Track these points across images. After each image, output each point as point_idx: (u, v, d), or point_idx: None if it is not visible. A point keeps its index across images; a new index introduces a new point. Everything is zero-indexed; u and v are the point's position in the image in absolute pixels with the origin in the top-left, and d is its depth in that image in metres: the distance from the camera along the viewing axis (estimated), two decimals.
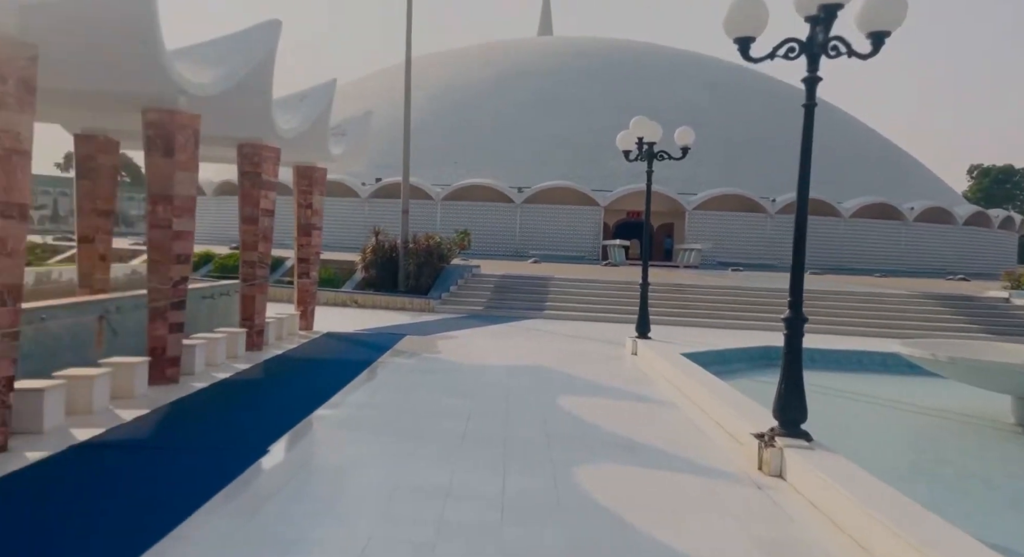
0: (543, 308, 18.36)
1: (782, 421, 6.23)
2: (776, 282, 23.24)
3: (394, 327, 14.88)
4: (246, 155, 10.55)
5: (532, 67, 54.04)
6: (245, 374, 9.20)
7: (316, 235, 13.64)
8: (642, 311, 12.83)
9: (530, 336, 14.39)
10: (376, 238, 19.22)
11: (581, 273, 24.12)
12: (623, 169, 46.13)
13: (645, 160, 12.65)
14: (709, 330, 16.45)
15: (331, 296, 18.31)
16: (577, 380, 9.86)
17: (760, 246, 42.67)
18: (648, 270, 13.19)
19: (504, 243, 42.08)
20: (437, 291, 18.63)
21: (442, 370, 10.17)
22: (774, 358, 12.63)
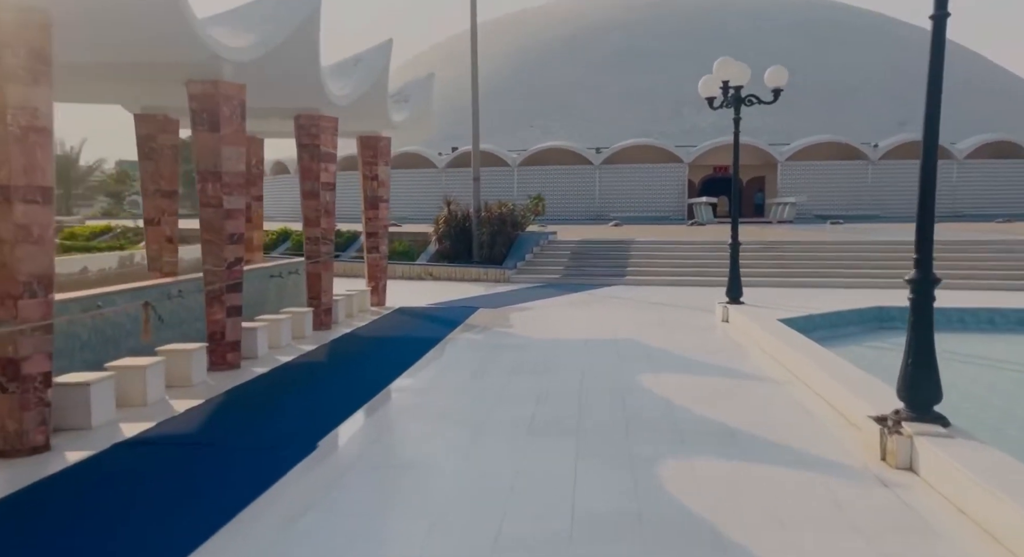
0: (624, 274, 17.37)
1: (910, 402, 5.19)
2: (883, 234, 21.20)
3: (467, 300, 14.35)
4: (303, 126, 10.10)
5: (608, 22, 51.79)
6: (309, 356, 8.85)
7: (383, 208, 13.18)
8: (733, 273, 11.70)
9: (609, 305, 13.52)
10: (448, 208, 18.69)
11: (664, 234, 22.84)
12: (707, 122, 43.71)
13: (732, 106, 11.37)
14: (809, 291, 15.03)
15: (405, 269, 17.99)
16: (660, 354, 8.97)
17: (861, 195, 39.61)
18: (738, 227, 11.99)
19: (584, 207, 40.90)
20: (512, 260, 17.97)
21: (513, 346, 9.52)
22: (890, 321, 11.28)
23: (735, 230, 11.85)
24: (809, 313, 10.66)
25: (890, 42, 49.76)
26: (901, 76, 46.61)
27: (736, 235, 11.83)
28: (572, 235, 22.44)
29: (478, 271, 17.62)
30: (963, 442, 4.80)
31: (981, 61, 51.97)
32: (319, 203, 10.35)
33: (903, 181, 39.82)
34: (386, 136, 12.88)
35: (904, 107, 44.85)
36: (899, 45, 49.94)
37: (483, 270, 17.61)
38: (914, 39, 52.92)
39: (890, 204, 39.27)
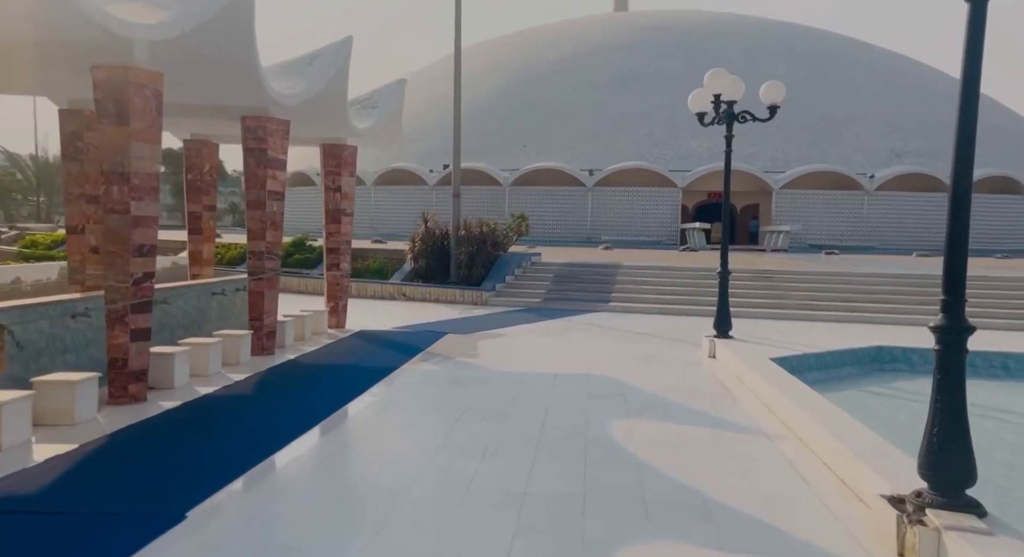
0: (609, 300, 16.27)
1: (936, 484, 4.06)
2: (879, 266, 20.20)
3: (437, 324, 13.21)
4: (249, 129, 9.03)
5: (605, 44, 51.30)
6: (235, 388, 7.69)
7: (347, 222, 12.09)
8: (721, 305, 10.60)
9: (589, 334, 12.40)
10: (425, 225, 17.62)
11: (654, 259, 21.80)
12: (702, 148, 42.94)
13: (724, 123, 10.37)
14: (802, 324, 13.95)
15: (378, 288, 16.86)
16: (636, 394, 7.83)
17: (857, 226, 38.74)
18: (728, 255, 10.93)
19: (575, 229, 39.94)
20: (491, 282, 16.86)
21: (473, 380, 8.37)
22: (890, 362, 10.18)
23: (725, 257, 10.78)
24: (803, 352, 9.54)
25: (884, 73, 49.29)
26: (894, 107, 46.04)
27: (726, 263, 10.77)
28: (558, 257, 21.37)
29: (454, 292, 16.50)
30: (1008, 542, 3.67)
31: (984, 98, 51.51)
32: (265, 214, 9.25)
33: (899, 213, 39.02)
34: (351, 145, 11.82)
35: (898, 138, 44.22)
36: (892, 76, 49.48)
37: (460, 291, 16.49)
38: (907, 70, 52.53)
39: (886, 236, 38.40)
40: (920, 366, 9.96)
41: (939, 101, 48.06)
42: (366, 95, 11.87)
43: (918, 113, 45.36)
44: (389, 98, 11.66)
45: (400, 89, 11.83)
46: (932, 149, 43.07)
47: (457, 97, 17.70)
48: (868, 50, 52.21)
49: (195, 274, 11.48)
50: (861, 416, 6.68)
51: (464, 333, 12.08)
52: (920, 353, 10.01)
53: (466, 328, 12.69)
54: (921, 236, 38.21)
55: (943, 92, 50.07)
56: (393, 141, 12.42)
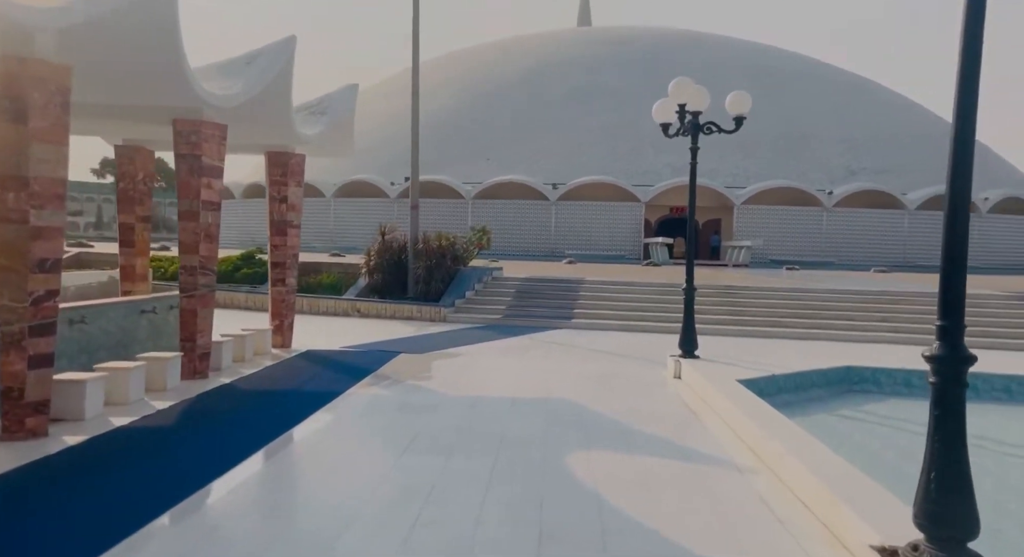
0: (571, 316, 15.76)
1: (934, 536, 3.56)
2: (842, 282, 20.13)
3: (391, 342, 12.51)
4: (181, 133, 8.28)
5: (569, 58, 51.34)
6: (155, 419, 6.89)
7: (293, 234, 11.34)
8: (687, 324, 10.14)
9: (550, 353, 11.83)
10: (382, 238, 16.92)
11: (617, 274, 21.43)
12: (664, 163, 43.06)
13: (688, 134, 9.96)
14: (768, 342, 13.61)
15: (331, 304, 16.06)
16: (598, 421, 7.27)
17: (816, 242, 39.13)
18: (693, 271, 10.50)
19: (538, 243, 39.54)
20: (450, 297, 16.21)
21: (423, 407, 7.71)
22: (860, 382, 9.82)
23: (690, 274, 10.35)
24: (771, 373, 9.11)
25: (838, 91, 50.29)
26: (849, 124, 46.94)
27: (691, 279, 10.33)
28: (520, 271, 20.83)
29: (411, 309, 15.80)
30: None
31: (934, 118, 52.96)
32: (199, 225, 8.48)
33: (856, 229, 39.55)
34: (299, 153, 11.12)
35: (853, 155, 45.04)
36: (846, 94, 50.51)
37: (417, 308, 15.80)
38: (860, 88, 53.76)
39: (844, 251, 38.85)
40: (888, 387, 9.65)
41: (891, 119, 49.18)
42: (314, 101, 11.19)
43: (871, 131, 46.30)
44: (340, 104, 11.00)
45: (351, 94, 11.19)
46: (885, 166, 43.93)
47: (415, 107, 17.11)
48: (822, 68, 53.31)
49: (127, 291, 10.62)
50: (833, 443, 6.23)
51: (419, 353, 11.40)
52: (888, 373, 9.69)
53: (421, 347, 12.02)
54: (877, 252, 38.76)
55: (895, 110, 51.28)
56: (345, 149, 11.75)
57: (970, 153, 3.78)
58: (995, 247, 40.33)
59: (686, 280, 10.32)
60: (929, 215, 39.37)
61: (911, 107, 53.17)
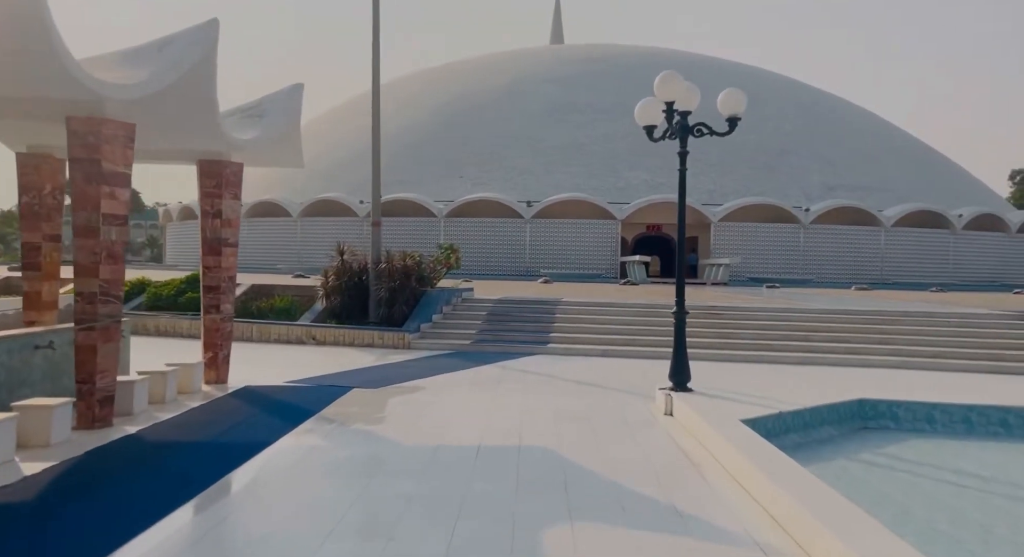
0: (547, 341, 14.45)
1: None
2: (830, 301, 19.13)
3: (345, 374, 11.07)
4: (76, 133, 6.86)
5: (542, 75, 50.60)
6: (17, 489, 5.39)
7: (229, 254, 9.89)
8: (678, 353, 8.87)
9: (524, 385, 10.47)
10: (341, 257, 15.49)
11: (595, 294, 20.21)
12: (640, 180, 42.22)
13: (676, 137, 8.78)
14: (760, 369, 12.42)
15: (283, 331, 14.55)
16: (580, 478, 5.92)
17: (794, 259, 38.41)
18: (684, 292, 9.26)
19: (513, 262, 38.28)
20: (415, 322, 14.80)
21: (367, 463, 6.30)
22: (874, 418, 8.61)
23: (681, 296, 9.11)
24: (778, 410, 7.85)
25: (812, 108, 50.15)
26: (824, 141, 46.68)
27: (682, 301, 9.09)
28: (493, 292, 19.52)
29: (372, 335, 14.36)
30: None
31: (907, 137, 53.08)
32: (98, 243, 7.03)
33: (834, 246, 38.94)
34: (235, 162, 9.71)
35: (830, 172, 44.67)
36: (820, 112, 50.39)
37: (379, 333, 14.36)
38: (833, 106, 53.75)
39: (822, 269, 38.17)
40: (908, 423, 8.45)
41: (865, 137, 49.09)
42: (252, 102, 9.82)
43: (846, 148, 46.06)
44: (281, 105, 9.63)
45: (296, 94, 9.83)
46: (862, 183, 43.60)
47: (376, 123, 15.79)
48: (795, 85, 53.25)
49: (31, 321, 9.08)
50: (854, 495, 5.01)
51: (374, 387, 9.98)
52: (907, 408, 8.50)
53: (379, 380, 10.59)
54: (855, 269, 38.15)
55: (868, 128, 51.26)
56: (291, 158, 10.36)
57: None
58: (969, 263, 39.99)
59: (676, 302, 9.08)
60: (906, 231, 38.95)
61: (884, 124, 53.28)
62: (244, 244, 43.00)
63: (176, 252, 47.40)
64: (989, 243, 40.54)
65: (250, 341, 14.54)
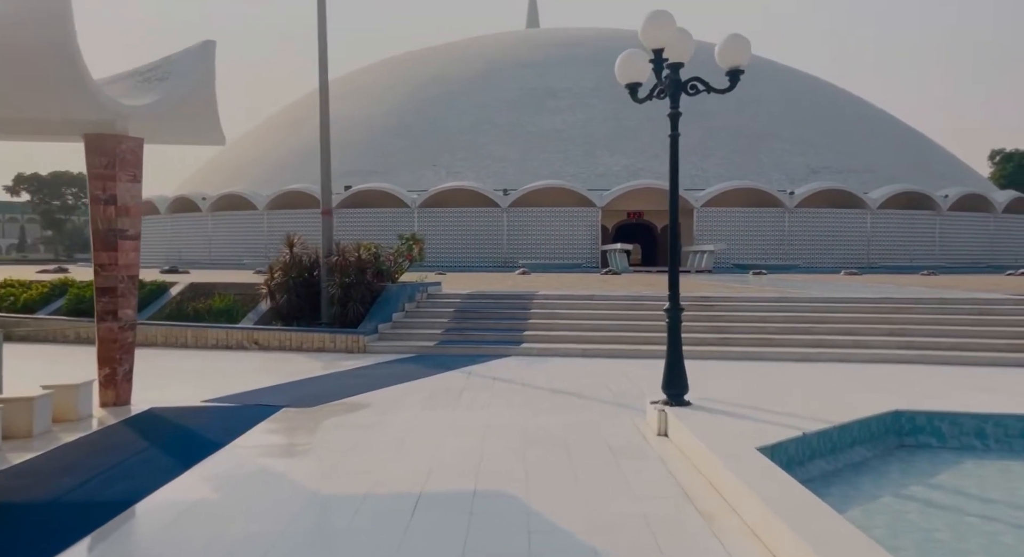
0: (521, 340, 12.80)
1: None
2: (830, 288, 17.67)
3: (281, 388, 9.33)
4: None
5: (516, 60, 48.73)
6: None
7: (128, 248, 8.09)
8: (673, 359, 7.23)
9: (490, 397, 8.80)
10: (291, 251, 13.68)
11: (574, 286, 18.59)
12: (620, 165, 40.63)
13: (666, 95, 7.12)
14: (763, 368, 10.86)
15: (222, 335, 12.75)
16: (550, 538, 4.28)
17: (779, 245, 37.12)
18: (678, 286, 7.63)
19: (490, 253, 36.59)
20: (373, 321, 13.07)
21: (266, 519, 4.60)
22: (912, 434, 7.04)
23: (675, 290, 7.47)
24: (801, 431, 6.25)
25: (792, 90, 48.81)
26: (806, 124, 45.38)
27: (676, 297, 7.46)
28: (466, 285, 17.84)
29: (323, 337, 12.61)
30: None
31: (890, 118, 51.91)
32: None
33: (820, 230, 37.69)
34: (133, 137, 7.89)
35: (813, 154, 43.39)
36: (800, 93, 49.06)
37: (330, 336, 12.62)
38: (813, 88, 52.47)
39: (808, 253, 36.90)
40: (954, 439, 6.89)
41: (847, 118, 47.87)
42: (153, 63, 8.00)
43: (829, 130, 44.80)
44: (188, 66, 7.81)
45: (207, 54, 7.99)
46: (845, 165, 42.39)
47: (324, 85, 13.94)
48: (774, 66, 51.86)
49: None
50: (897, 539, 3.41)
51: (310, 405, 8.25)
52: (951, 421, 6.94)
53: (318, 395, 8.87)
54: (843, 253, 36.94)
55: (848, 109, 50.05)
56: (207, 132, 8.54)
57: None
58: (956, 245, 38.94)
59: (669, 297, 7.44)
60: (892, 214, 37.79)
61: (864, 105, 52.10)
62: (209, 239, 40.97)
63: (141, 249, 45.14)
64: (975, 224, 39.53)
65: (184, 348, 12.74)
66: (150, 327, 12.71)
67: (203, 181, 46.77)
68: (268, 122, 55.07)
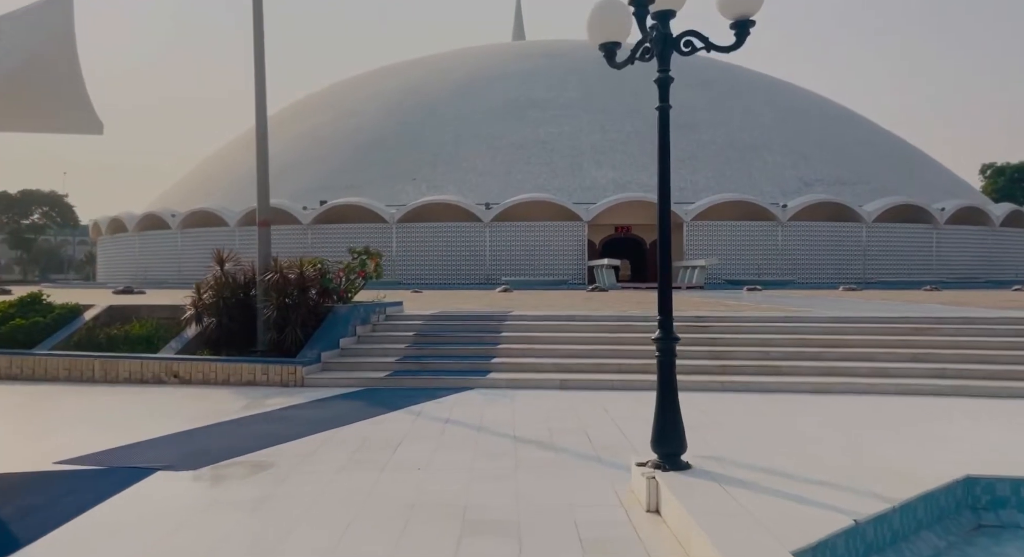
0: (488, 370, 10.89)
1: None
2: (835, 306, 15.90)
3: (177, 437, 7.37)
4: None
5: (499, 72, 47.24)
6: None
7: None
8: (665, 409, 5.36)
9: (435, 449, 6.86)
10: (222, 268, 11.75)
11: (556, 305, 16.74)
12: (607, 178, 38.97)
13: (652, 55, 5.32)
14: (769, 402, 9.00)
15: (136, 367, 10.74)
16: None
17: (772, 259, 35.45)
18: (671, 308, 5.77)
19: (472, 269, 34.71)
20: (315, 349, 11.12)
21: None
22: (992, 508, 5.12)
23: (667, 315, 5.61)
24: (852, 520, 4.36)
25: (783, 102, 47.50)
26: (798, 135, 43.97)
27: (670, 325, 5.60)
28: (432, 305, 15.98)
29: (254, 369, 10.64)
30: None
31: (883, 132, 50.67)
32: None
33: (815, 244, 36.06)
34: None
35: (806, 166, 41.91)
36: (792, 105, 47.75)
37: (263, 367, 10.65)
38: (805, 99, 51.21)
39: (803, 269, 35.24)
40: None
41: (839, 130, 46.56)
42: None
43: (822, 141, 43.41)
44: (26, 23, 5.93)
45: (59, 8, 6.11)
46: (838, 177, 40.93)
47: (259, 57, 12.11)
48: (765, 80, 50.66)
49: None
50: None
51: (197, 466, 6.30)
52: None
53: (218, 448, 6.92)
54: (838, 268, 35.32)
55: (840, 121, 48.77)
56: (70, 115, 6.64)
57: None
58: (954, 259, 37.43)
59: (660, 324, 5.57)
60: (888, 227, 36.26)
61: (855, 118, 50.89)
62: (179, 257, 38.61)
63: (107, 269, 42.95)
64: (973, 237, 38.06)
65: (91, 382, 10.74)
66: (51, 358, 10.70)
67: (173, 199, 44.76)
68: (241, 138, 53.32)
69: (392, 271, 34.49)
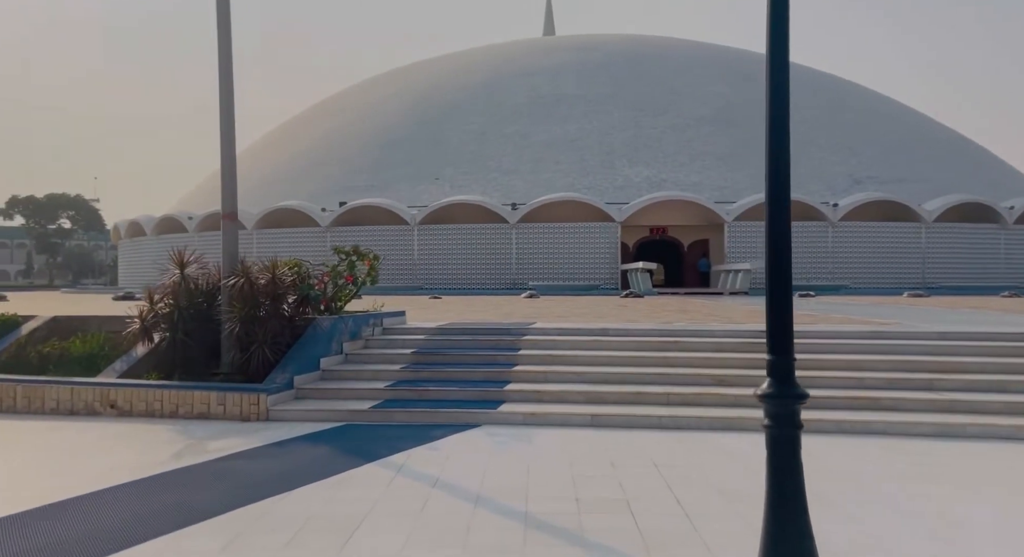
0: (500, 399, 8.50)
1: None
2: (918, 316, 13.14)
3: (59, 508, 5.15)
4: None
5: (527, 68, 44.92)
6: None
7: None
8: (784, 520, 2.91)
9: (405, 543, 4.48)
10: (182, 273, 9.57)
11: (586, 314, 14.28)
12: (641, 176, 36.37)
13: None
14: (879, 448, 6.41)
15: (65, 395, 8.59)
16: None
17: (823, 263, 32.40)
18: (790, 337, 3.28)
19: (497, 274, 32.38)
20: (287, 372, 8.85)
21: None
22: None
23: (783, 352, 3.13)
24: None
25: (830, 95, 44.24)
26: (847, 131, 40.78)
27: (790, 370, 3.12)
28: (445, 314, 13.70)
29: (208, 397, 8.41)
30: None
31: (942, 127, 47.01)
32: None
33: (869, 245, 32.91)
34: None
35: (857, 163, 38.71)
36: (840, 99, 44.53)
37: (220, 395, 8.42)
38: (852, 92, 47.86)
39: (856, 273, 32.13)
40: None
41: (891, 125, 43.15)
42: None
43: (872, 137, 40.12)
44: None
45: None
46: (893, 175, 37.63)
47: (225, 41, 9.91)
48: (810, 73, 47.41)
49: None
50: None
51: None
52: None
53: (93, 533, 4.66)
54: (897, 272, 32.10)
55: (894, 116, 45.32)
56: None
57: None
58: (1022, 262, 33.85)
59: (771, 366, 3.11)
60: (951, 227, 32.90)
61: (909, 112, 47.28)
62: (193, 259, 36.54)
63: (127, 273, 41.71)
64: None
65: (12, 413, 8.64)
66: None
67: (193, 201, 43.44)
68: (263, 139, 51.97)
69: (413, 276, 32.35)
